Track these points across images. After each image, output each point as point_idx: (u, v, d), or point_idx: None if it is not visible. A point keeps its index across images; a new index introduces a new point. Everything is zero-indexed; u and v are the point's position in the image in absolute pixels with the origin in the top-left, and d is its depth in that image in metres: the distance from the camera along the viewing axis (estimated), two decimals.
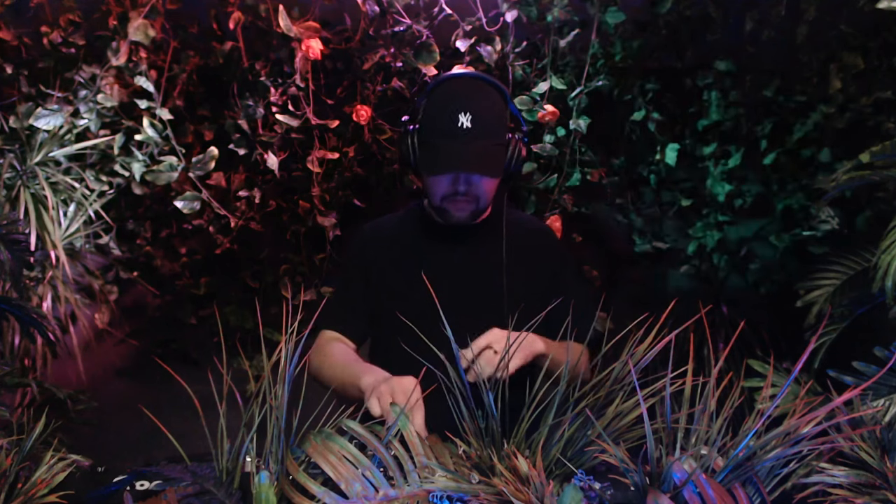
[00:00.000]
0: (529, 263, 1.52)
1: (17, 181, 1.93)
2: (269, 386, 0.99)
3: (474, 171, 1.40)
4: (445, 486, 0.89)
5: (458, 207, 1.45)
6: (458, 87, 1.42)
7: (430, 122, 1.41)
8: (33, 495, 0.90)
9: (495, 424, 0.98)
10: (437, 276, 1.46)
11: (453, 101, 1.38)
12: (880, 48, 2.07)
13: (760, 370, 1.48)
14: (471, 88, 1.41)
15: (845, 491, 0.89)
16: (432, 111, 1.41)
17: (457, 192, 1.42)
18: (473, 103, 1.37)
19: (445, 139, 1.37)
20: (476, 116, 1.35)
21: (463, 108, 1.35)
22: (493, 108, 1.41)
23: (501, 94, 1.44)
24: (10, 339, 2.01)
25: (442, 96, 1.41)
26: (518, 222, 1.58)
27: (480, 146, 1.37)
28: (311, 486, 0.89)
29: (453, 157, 1.37)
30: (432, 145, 1.40)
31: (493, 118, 1.39)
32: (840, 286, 1.68)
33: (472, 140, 1.35)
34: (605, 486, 0.94)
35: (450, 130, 1.35)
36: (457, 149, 1.36)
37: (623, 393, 0.99)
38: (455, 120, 1.35)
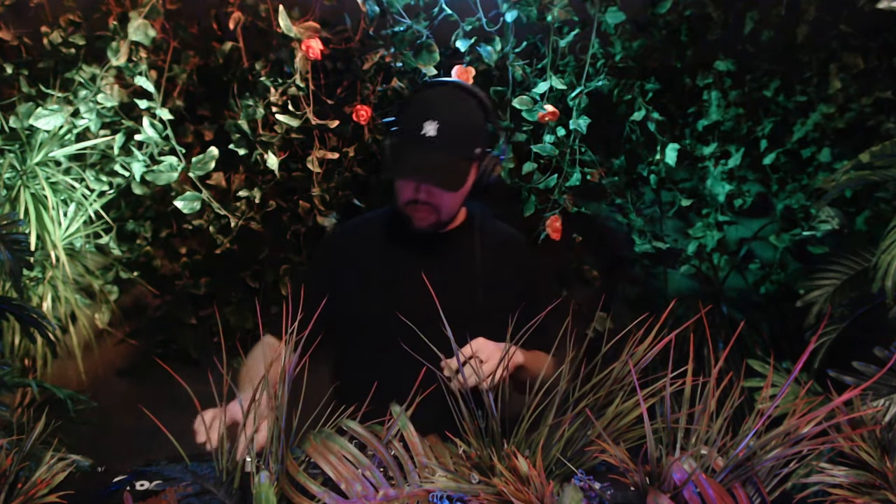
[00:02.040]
0: (496, 274, 1.49)
1: (17, 181, 1.93)
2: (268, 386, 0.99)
3: (428, 182, 1.38)
4: (445, 486, 0.89)
5: (419, 216, 1.44)
6: (434, 93, 1.41)
7: (401, 125, 1.41)
8: (33, 495, 0.90)
9: (495, 424, 0.98)
10: (401, 283, 1.47)
11: (424, 108, 1.36)
12: (880, 48, 2.07)
13: (760, 370, 1.48)
14: (446, 97, 1.39)
15: (845, 491, 0.89)
16: (407, 115, 1.40)
17: (417, 199, 1.41)
18: (443, 113, 1.35)
19: (408, 145, 1.36)
20: (442, 127, 1.33)
21: (430, 115, 1.33)
22: (464, 120, 1.38)
23: (482, 106, 1.42)
24: (10, 339, 2.01)
25: (417, 101, 1.40)
26: (490, 232, 1.55)
27: (441, 157, 1.34)
28: (311, 486, 0.89)
29: (409, 164, 1.36)
30: (397, 149, 1.39)
31: (461, 131, 1.37)
32: (840, 286, 1.68)
33: (433, 150, 1.33)
34: (605, 486, 0.94)
35: (413, 137, 1.34)
36: (416, 156, 1.34)
37: (623, 393, 0.99)
38: (420, 127, 1.33)
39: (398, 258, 1.52)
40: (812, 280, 1.73)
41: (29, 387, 1.97)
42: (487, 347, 1.23)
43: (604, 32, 2.10)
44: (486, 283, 1.47)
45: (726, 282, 2.40)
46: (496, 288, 1.48)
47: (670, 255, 2.39)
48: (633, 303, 2.50)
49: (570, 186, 2.18)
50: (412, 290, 1.47)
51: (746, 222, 2.41)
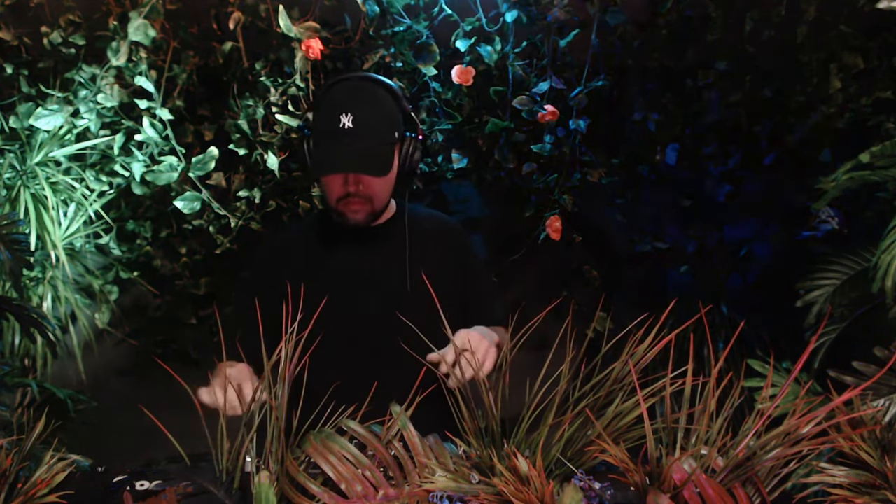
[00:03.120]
0: (433, 260, 1.52)
1: (17, 181, 1.93)
2: (269, 386, 0.99)
3: (357, 171, 1.41)
4: (445, 486, 0.89)
5: (352, 209, 1.46)
6: (343, 89, 1.43)
7: (317, 124, 1.44)
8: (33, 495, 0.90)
9: (495, 424, 0.98)
10: (341, 281, 1.48)
11: (336, 102, 1.39)
12: (880, 48, 2.07)
13: (760, 370, 1.48)
14: (355, 90, 1.43)
15: (845, 491, 0.89)
16: (320, 114, 1.43)
17: (348, 193, 1.44)
18: (356, 104, 1.38)
19: (329, 140, 1.38)
20: (357, 117, 1.36)
21: (344, 108, 1.37)
22: (377, 107, 1.42)
23: (391, 93, 1.46)
24: (10, 339, 2.01)
25: (328, 99, 1.43)
26: (423, 220, 1.59)
27: (363, 146, 1.38)
28: (311, 486, 0.89)
29: (336, 158, 1.38)
30: (318, 147, 1.43)
31: (377, 118, 1.41)
32: (840, 286, 1.68)
33: (354, 140, 1.37)
34: (605, 486, 0.94)
35: (332, 131, 1.37)
36: (339, 149, 1.37)
37: (623, 393, 0.99)
38: (337, 121, 1.36)
39: (334, 256, 1.53)
40: (812, 280, 1.73)
41: (29, 387, 1.97)
42: (473, 338, 1.24)
43: (604, 32, 2.10)
44: (424, 269, 1.48)
45: (726, 282, 2.39)
46: (434, 274, 1.48)
47: (670, 255, 2.39)
48: (633, 303, 2.50)
49: (570, 186, 2.18)
50: (351, 287, 1.48)
51: (746, 222, 2.41)
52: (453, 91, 2.09)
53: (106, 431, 2.06)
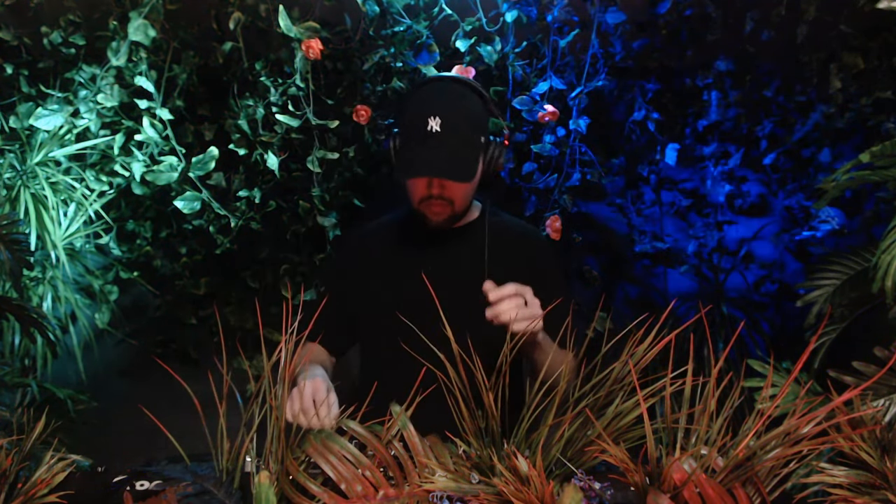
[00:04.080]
0: (511, 268, 1.48)
1: (17, 181, 1.93)
2: (269, 386, 0.99)
3: (442, 176, 1.40)
4: (445, 486, 0.89)
5: (434, 211, 1.46)
6: (432, 90, 1.43)
7: (404, 126, 1.43)
8: (33, 495, 0.90)
9: (495, 424, 0.98)
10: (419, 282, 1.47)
11: (425, 104, 1.39)
12: (880, 48, 2.07)
13: (760, 370, 1.48)
14: (444, 92, 1.42)
15: (845, 491, 0.89)
16: (408, 115, 1.42)
17: (431, 195, 1.43)
18: (444, 107, 1.38)
19: (415, 143, 1.38)
20: (446, 120, 1.36)
21: (433, 111, 1.36)
22: (465, 111, 1.41)
23: (480, 97, 1.45)
24: (10, 339, 2.01)
25: (417, 100, 1.42)
26: (503, 226, 1.57)
27: (449, 150, 1.37)
28: (311, 486, 0.89)
29: (420, 162, 1.38)
30: (405, 149, 1.42)
31: (464, 122, 1.40)
32: (840, 286, 1.67)
33: (440, 144, 1.36)
34: (605, 486, 0.94)
35: (420, 134, 1.36)
36: (425, 152, 1.36)
37: (623, 393, 0.99)
38: (425, 124, 1.36)
39: (415, 256, 1.53)
40: (812, 280, 1.73)
41: (29, 387, 1.97)
42: (531, 297, 1.25)
43: (604, 32, 2.10)
44: (502, 275, 1.48)
45: (726, 282, 2.39)
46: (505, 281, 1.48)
47: (670, 255, 2.39)
48: (633, 303, 2.50)
49: (570, 186, 2.18)
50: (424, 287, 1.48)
51: (746, 222, 2.41)
52: None
53: (106, 431, 2.06)
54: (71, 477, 0.97)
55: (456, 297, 1.46)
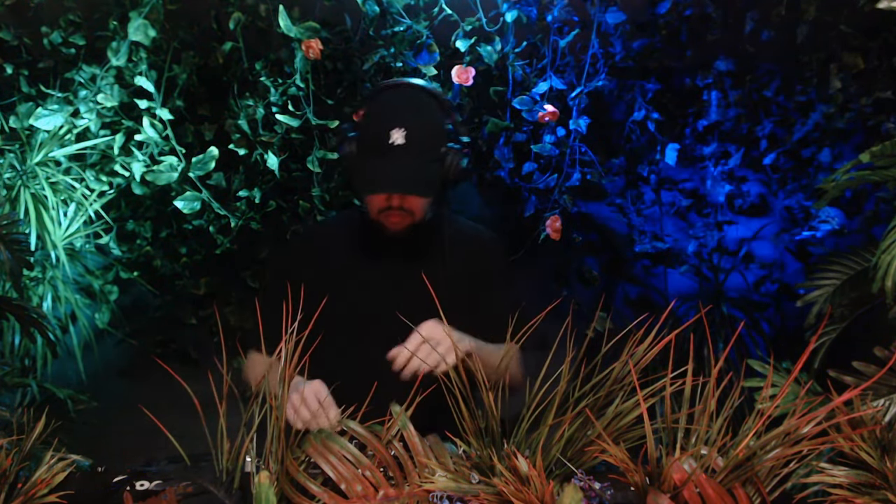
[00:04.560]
0: (463, 270, 1.48)
1: (17, 181, 1.93)
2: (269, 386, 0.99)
3: (404, 191, 1.36)
4: (445, 486, 0.89)
5: (392, 222, 1.41)
6: (394, 99, 1.38)
7: (365, 135, 1.38)
8: (33, 495, 0.90)
9: (495, 424, 0.98)
10: (372, 285, 1.46)
11: (387, 115, 1.34)
12: (880, 48, 2.07)
13: (760, 370, 1.48)
14: (407, 101, 1.38)
15: (845, 491, 0.89)
16: (367, 124, 1.37)
17: (390, 206, 1.39)
18: (408, 118, 1.33)
19: (377, 155, 1.33)
20: (410, 133, 1.31)
21: (396, 123, 1.31)
22: (429, 122, 1.37)
23: (441, 104, 1.41)
24: (10, 339, 2.01)
25: (378, 109, 1.37)
26: (456, 230, 1.55)
27: (412, 164, 1.33)
28: (311, 486, 0.89)
29: (384, 176, 1.33)
30: (364, 162, 1.36)
31: (427, 134, 1.35)
32: (840, 286, 1.67)
33: (404, 157, 1.31)
34: (605, 486, 0.94)
35: (382, 146, 1.31)
36: (388, 167, 1.32)
37: (623, 393, 0.99)
38: (387, 136, 1.31)
39: (371, 260, 1.51)
40: (812, 280, 1.73)
41: (29, 387, 1.97)
42: (437, 331, 1.21)
43: (604, 32, 2.10)
44: (458, 277, 1.46)
45: (726, 282, 2.40)
46: (464, 282, 1.47)
47: (670, 255, 2.39)
48: (633, 303, 2.50)
49: (570, 186, 2.17)
50: (384, 289, 1.47)
51: (746, 222, 2.41)
52: (453, 91, 2.09)
53: (106, 431, 2.06)
54: (71, 477, 0.97)
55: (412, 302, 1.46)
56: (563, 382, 1.02)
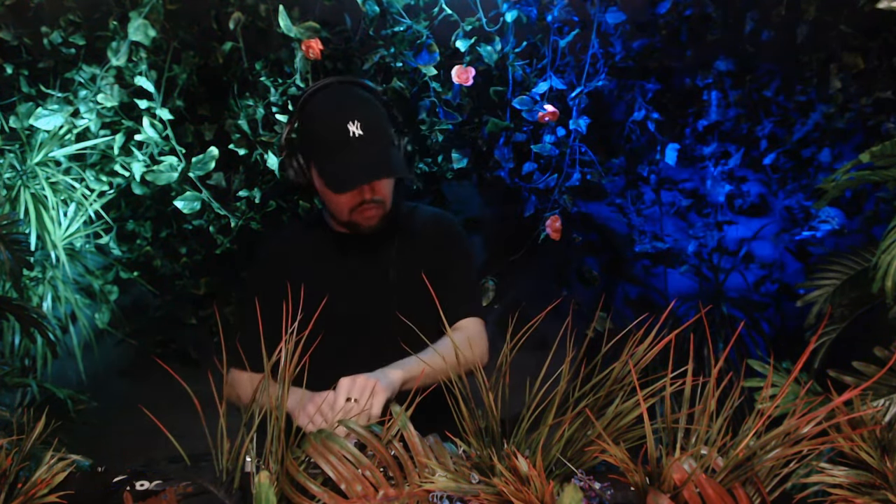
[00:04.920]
0: (424, 258, 1.50)
1: (17, 181, 1.93)
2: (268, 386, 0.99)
3: (383, 176, 1.38)
4: (445, 486, 0.89)
5: (367, 216, 1.43)
6: (335, 96, 1.39)
7: (318, 138, 1.38)
8: (33, 495, 0.90)
9: (495, 424, 0.98)
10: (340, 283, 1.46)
11: (337, 111, 1.35)
12: (880, 48, 2.07)
13: (760, 370, 1.48)
14: (349, 95, 1.39)
15: (845, 491, 0.89)
16: (318, 126, 1.37)
17: (363, 200, 1.40)
18: (358, 109, 1.35)
19: (341, 152, 1.33)
20: (365, 122, 1.33)
21: (350, 116, 1.33)
22: (377, 109, 1.40)
23: (375, 94, 1.43)
24: (10, 339, 2.01)
25: (323, 109, 1.38)
26: (419, 218, 1.57)
27: (379, 150, 1.35)
28: (311, 486, 0.89)
29: (356, 169, 1.34)
30: (331, 161, 1.36)
31: (379, 120, 1.38)
32: (840, 286, 1.67)
33: (368, 146, 1.33)
34: (605, 486, 0.94)
35: (343, 142, 1.32)
36: (357, 158, 1.33)
37: (623, 393, 0.99)
38: (345, 131, 1.32)
39: (333, 259, 1.52)
40: (812, 280, 1.73)
41: (29, 387, 1.97)
42: (355, 385, 1.20)
43: (604, 32, 2.10)
44: (416, 267, 1.47)
45: (726, 282, 2.40)
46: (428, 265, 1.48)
47: (670, 255, 2.39)
48: (633, 303, 2.50)
49: (570, 186, 2.17)
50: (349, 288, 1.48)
51: (746, 222, 2.41)
52: (453, 91, 2.09)
53: (106, 431, 2.06)
54: (71, 477, 0.97)
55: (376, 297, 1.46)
56: (563, 382, 1.02)
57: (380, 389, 1.19)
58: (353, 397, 1.18)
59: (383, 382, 1.21)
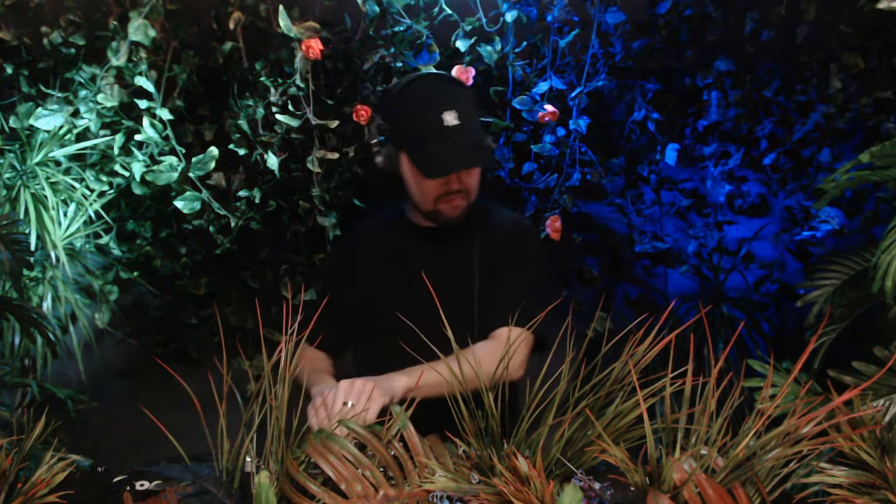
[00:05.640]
0: (497, 255, 1.51)
1: (17, 181, 1.93)
2: (269, 386, 0.99)
3: (478, 165, 1.42)
4: (445, 486, 0.89)
5: (453, 206, 1.45)
6: (430, 87, 1.42)
7: (412, 126, 1.41)
8: (33, 495, 0.90)
9: (495, 424, 0.98)
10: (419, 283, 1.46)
11: (433, 101, 1.38)
12: (880, 48, 2.07)
13: (760, 370, 1.48)
14: (443, 86, 1.43)
15: (845, 491, 0.89)
16: (414, 115, 1.40)
17: (450, 190, 1.43)
18: (453, 99, 1.39)
19: (436, 140, 1.37)
20: (461, 112, 1.37)
21: (446, 105, 1.36)
22: (470, 100, 1.43)
23: (465, 87, 1.47)
24: (10, 339, 2.01)
25: (419, 99, 1.41)
26: (498, 222, 1.58)
27: (473, 139, 1.38)
28: (311, 486, 0.89)
29: (452, 157, 1.37)
30: (424, 149, 1.39)
31: (472, 110, 1.42)
32: (840, 286, 1.67)
33: (463, 136, 1.36)
34: (605, 486, 0.94)
35: (438, 130, 1.36)
36: (452, 147, 1.36)
37: (623, 393, 0.99)
38: (440, 120, 1.36)
39: (415, 257, 1.53)
40: (812, 280, 1.73)
41: (29, 387, 1.97)
42: (353, 388, 1.21)
43: (604, 32, 2.10)
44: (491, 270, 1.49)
45: (726, 282, 2.40)
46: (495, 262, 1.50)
47: (670, 255, 2.39)
48: (633, 303, 2.50)
49: (570, 186, 2.18)
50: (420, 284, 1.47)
51: (746, 222, 2.41)
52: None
53: (106, 431, 2.06)
54: (71, 477, 0.97)
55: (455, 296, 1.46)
56: (563, 382, 1.02)
57: (377, 395, 1.20)
58: (350, 401, 1.19)
59: (382, 388, 1.21)
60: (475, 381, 1.03)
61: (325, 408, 1.19)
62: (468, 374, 1.04)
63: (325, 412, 1.19)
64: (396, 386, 1.25)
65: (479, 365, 1.09)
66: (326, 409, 1.19)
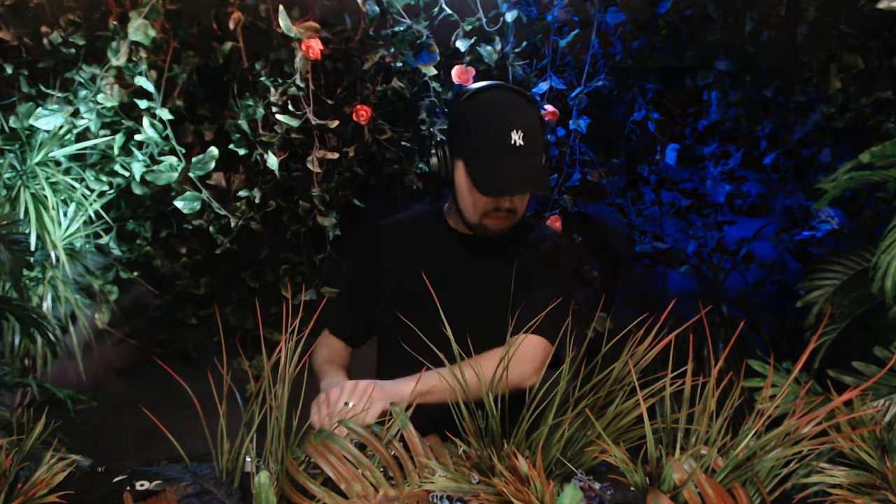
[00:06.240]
0: (529, 265, 1.51)
1: (17, 181, 1.93)
2: (269, 386, 0.99)
3: (532, 190, 1.39)
4: (445, 486, 0.89)
5: (497, 223, 1.43)
6: (502, 102, 1.38)
7: (478, 139, 1.37)
8: (33, 495, 0.90)
9: (495, 424, 0.98)
10: (451, 284, 1.44)
11: (503, 118, 1.34)
12: (880, 48, 2.07)
13: (760, 370, 1.48)
14: (515, 103, 1.38)
15: (845, 491, 0.89)
16: (482, 128, 1.36)
17: (499, 208, 1.40)
18: (522, 119, 1.34)
19: (499, 158, 1.33)
20: (527, 133, 1.33)
21: (514, 125, 1.32)
22: (537, 122, 1.40)
23: (535, 105, 1.44)
24: (10, 339, 2.01)
25: (489, 113, 1.36)
26: (532, 231, 1.57)
27: (533, 163, 1.35)
28: (311, 486, 0.89)
29: (512, 178, 1.34)
30: (486, 165, 1.36)
31: (538, 132, 1.38)
32: (840, 286, 1.68)
33: (525, 158, 1.33)
34: (605, 486, 0.94)
35: (503, 148, 1.32)
36: (514, 168, 1.33)
37: (623, 393, 0.99)
38: (507, 137, 1.32)
39: (453, 260, 1.52)
40: (812, 280, 1.73)
41: (29, 387, 1.97)
42: (356, 390, 1.22)
43: (604, 32, 2.10)
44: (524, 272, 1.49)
45: (726, 282, 2.39)
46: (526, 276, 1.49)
47: (670, 255, 2.39)
48: (633, 303, 2.50)
49: (570, 186, 2.17)
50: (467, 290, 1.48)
51: (746, 222, 2.41)
52: (453, 91, 2.09)
53: (106, 431, 2.06)
54: (71, 477, 0.97)
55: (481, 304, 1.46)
56: (563, 382, 1.02)
57: (378, 398, 1.20)
58: (351, 402, 1.19)
59: (385, 391, 1.21)
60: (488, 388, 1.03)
61: (327, 406, 1.20)
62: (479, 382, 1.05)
63: (327, 410, 1.19)
64: (403, 391, 1.24)
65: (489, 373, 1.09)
66: (328, 407, 1.20)
